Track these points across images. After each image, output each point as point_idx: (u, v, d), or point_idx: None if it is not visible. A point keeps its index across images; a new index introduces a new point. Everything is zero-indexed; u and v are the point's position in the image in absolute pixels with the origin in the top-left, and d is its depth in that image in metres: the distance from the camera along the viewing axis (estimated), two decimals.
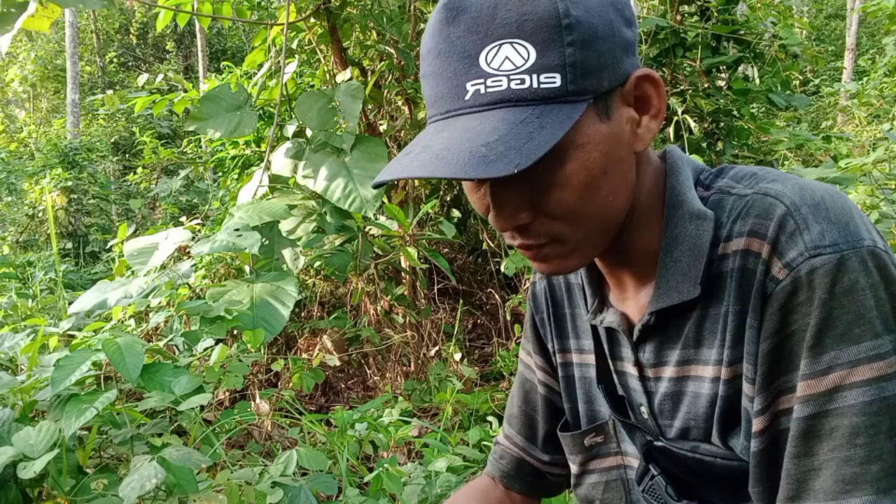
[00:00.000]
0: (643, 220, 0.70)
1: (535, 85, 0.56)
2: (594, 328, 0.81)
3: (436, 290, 3.49)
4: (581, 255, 0.67)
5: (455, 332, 3.20)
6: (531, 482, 0.98)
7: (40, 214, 7.30)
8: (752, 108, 3.98)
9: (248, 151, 4.12)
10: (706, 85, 3.75)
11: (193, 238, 2.08)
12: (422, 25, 3.25)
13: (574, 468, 0.87)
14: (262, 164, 2.78)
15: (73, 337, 1.84)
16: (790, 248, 0.59)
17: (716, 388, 0.67)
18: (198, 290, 2.65)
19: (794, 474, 0.59)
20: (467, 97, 0.58)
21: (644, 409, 0.75)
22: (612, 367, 0.79)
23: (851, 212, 0.61)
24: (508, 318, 3.33)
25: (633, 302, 0.74)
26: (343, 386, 3.37)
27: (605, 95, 0.60)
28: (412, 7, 3.12)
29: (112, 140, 11.22)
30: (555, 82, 0.56)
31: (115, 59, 16.03)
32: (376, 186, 0.61)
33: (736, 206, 0.65)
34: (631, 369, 0.76)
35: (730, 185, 0.68)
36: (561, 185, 0.60)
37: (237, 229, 1.96)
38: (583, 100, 0.57)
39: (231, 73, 4.05)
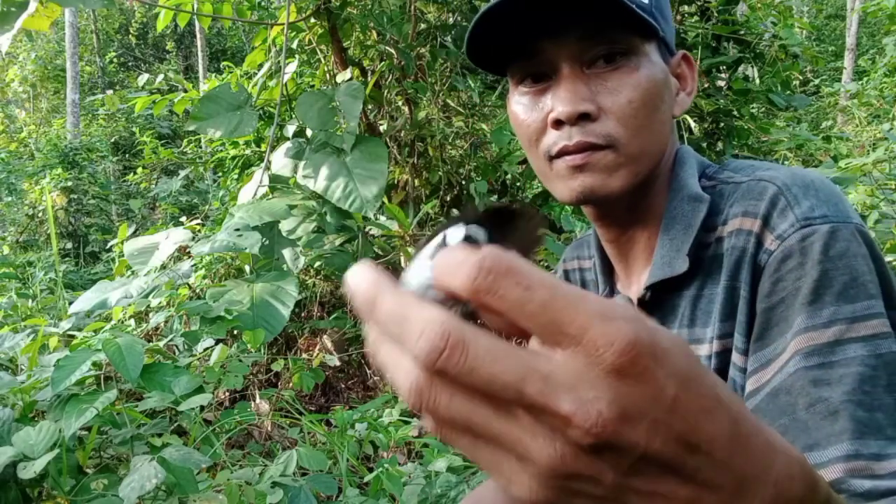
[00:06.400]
0: (658, 193, 0.76)
1: None
2: None
3: None
4: (626, 174, 0.70)
5: None
6: None
7: (40, 214, 7.29)
8: (752, 108, 3.97)
9: (248, 151, 4.12)
10: (706, 85, 3.75)
11: (193, 238, 2.08)
12: (422, 25, 3.25)
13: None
14: (263, 164, 2.78)
15: (73, 337, 1.84)
16: (781, 221, 0.64)
17: (707, 364, 0.68)
18: (198, 290, 2.65)
19: (812, 423, 0.58)
20: None
21: None
22: None
23: (840, 195, 0.65)
24: None
25: (636, 286, 0.78)
26: (343, 386, 3.37)
27: (664, 50, 0.73)
28: (412, 7, 3.12)
29: (112, 140, 11.22)
30: (644, 0, 0.69)
31: (115, 59, 16.02)
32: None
33: (733, 192, 0.70)
34: None
35: (730, 176, 0.73)
36: (633, 87, 0.69)
37: (237, 229, 1.96)
38: (657, 26, 0.69)
39: (231, 73, 4.05)
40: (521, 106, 0.74)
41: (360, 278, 0.31)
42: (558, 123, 0.70)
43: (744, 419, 0.30)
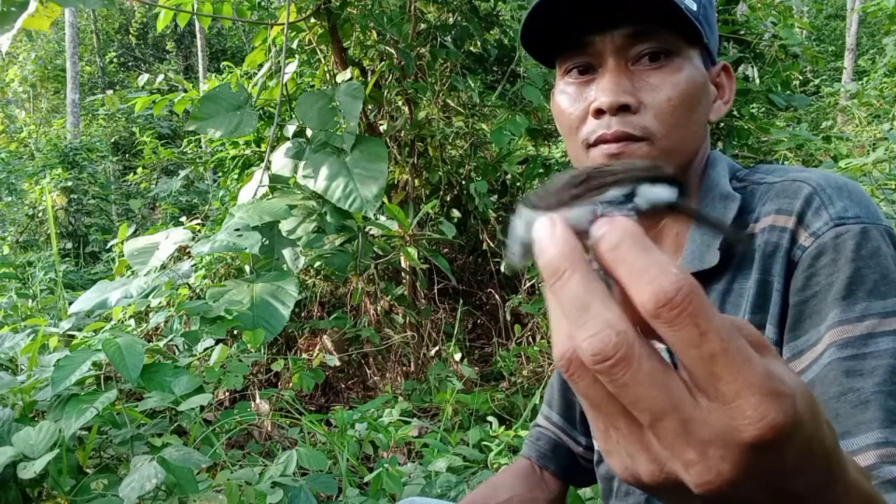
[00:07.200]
0: (690, 191, 0.79)
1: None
2: None
3: (436, 290, 3.49)
4: None
5: (455, 332, 3.19)
6: (566, 465, 1.01)
7: (40, 214, 7.28)
8: (752, 108, 3.97)
9: (248, 151, 4.11)
10: None
11: (193, 238, 2.08)
12: (422, 25, 3.24)
13: (598, 446, 0.90)
14: (262, 164, 2.78)
15: (73, 337, 1.84)
16: (816, 219, 0.66)
17: None
18: (198, 290, 2.66)
19: (843, 412, 0.61)
20: None
21: None
22: None
23: (870, 198, 0.68)
24: (508, 318, 3.33)
25: None
26: (343, 386, 3.37)
27: (707, 57, 0.77)
28: (412, 7, 3.12)
29: (112, 140, 11.21)
30: (693, 7, 0.73)
31: (115, 59, 16.01)
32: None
33: (766, 192, 0.73)
34: (660, 345, 0.79)
35: (762, 177, 0.76)
36: (673, 86, 0.72)
37: (237, 229, 1.96)
38: (702, 32, 0.72)
39: (231, 73, 4.05)
40: (566, 95, 0.78)
41: (551, 240, 0.30)
42: (599, 112, 0.73)
43: (836, 464, 0.31)
